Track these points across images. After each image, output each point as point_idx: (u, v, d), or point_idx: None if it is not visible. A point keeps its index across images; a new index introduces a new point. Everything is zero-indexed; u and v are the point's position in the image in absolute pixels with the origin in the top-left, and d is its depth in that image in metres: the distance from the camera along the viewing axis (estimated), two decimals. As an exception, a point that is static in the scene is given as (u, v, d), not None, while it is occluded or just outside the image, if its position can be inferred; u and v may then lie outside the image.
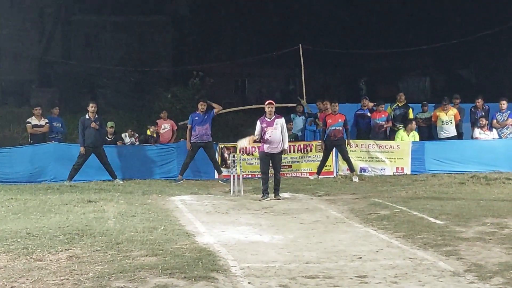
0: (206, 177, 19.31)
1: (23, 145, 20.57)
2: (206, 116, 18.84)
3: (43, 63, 40.24)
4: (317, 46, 28.86)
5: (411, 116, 21.23)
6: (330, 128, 19.03)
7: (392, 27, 39.87)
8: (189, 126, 18.89)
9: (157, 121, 21.08)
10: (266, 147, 15.52)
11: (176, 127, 21.00)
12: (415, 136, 20.33)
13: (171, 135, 20.78)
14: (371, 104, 21.51)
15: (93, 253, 9.19)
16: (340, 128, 19.00)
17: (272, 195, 15.40)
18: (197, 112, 18.93)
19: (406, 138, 20.18)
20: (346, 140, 19.21)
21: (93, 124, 18.08)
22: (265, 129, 15.30)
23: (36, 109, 20.47)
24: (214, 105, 19.31)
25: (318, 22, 40.83)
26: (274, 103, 15.75)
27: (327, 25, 40.50)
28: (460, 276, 8.26)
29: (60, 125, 21.18)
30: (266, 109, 15.51)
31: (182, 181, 18.40)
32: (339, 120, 19.04)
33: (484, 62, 37.94)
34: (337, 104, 19.42)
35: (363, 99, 22.00)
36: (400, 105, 21.49)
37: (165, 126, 20.87)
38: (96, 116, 18.47)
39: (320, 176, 19.10)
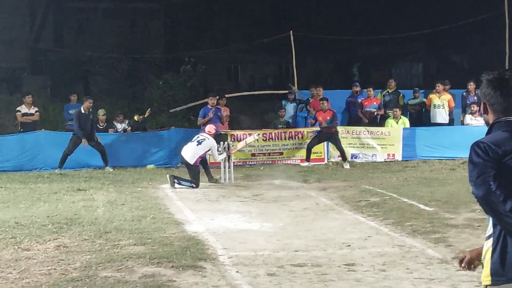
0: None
1: (13, 133, 20.47)
2: (219, 113, 18.77)
3: (35, 50, 40.03)
4: (309, 32, 28.82)
5: (401, 102, 21.25)
6: (321, 125, 19.10)
7: (384, 13, 39.79)
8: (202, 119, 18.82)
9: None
10: None
11: (229, 113, 20.80)
12: (404, 122, 20.32)
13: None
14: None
15: (81, 243, 9.18)
16: (329, 124, 19.03)
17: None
18: (208, 106, 18.88)
19: (395, 126, 20.17)
20: (335, 129, 19.17)
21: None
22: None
23: (28, 97, 20.38)
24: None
25: (310, 9, 40.72)
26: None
27: (320, 11, 40.40)
28: (448, 263, 8.25)
29: None
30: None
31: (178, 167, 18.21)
32: (328, 118, 19.04)
33: (476, 48, 37.94)
34: (325, 102, 19.31)
35: (354, 86, 21.98)
36: (390, 91, 21.50)
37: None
38: (91, 111, 18.58)
39: (311, 163, 19.05)
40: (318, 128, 19.47)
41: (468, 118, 20.36)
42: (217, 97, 19.47)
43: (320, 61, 38.23)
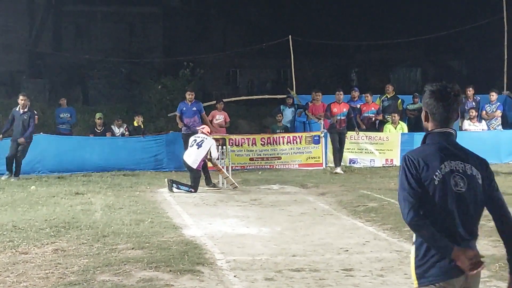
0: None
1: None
2: (194, 108, 18.76)
3: (33, 54, 40.00)
4: (308, 37, 28.82)
5: (400, 107, 21.26)
6: (335, 117, 18.85)
7: (383, 18, 39.82)
8: (177, 114, 18.98)
9: (212, 112, 20.87)
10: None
11: (228, 119, 20.81)
12: (403, 128, 20.33)
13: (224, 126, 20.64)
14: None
15: (79, 246, 9.16)
16: (344, 118, 18.87)
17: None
18: (185, 101, 18.93)
19: (394, 131, 20.18)
20: (355, 128, 19.25)
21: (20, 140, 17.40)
22: None
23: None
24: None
25: (309, 13, 40.75)
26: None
27: (318, 16, 40.42)
28: (446, 269, 8.23)
29: (69, 115, 21.05)
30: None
31: None
32: (344, 110, 18.91)
33: (474, 54, 37.98)
34: (341, 92, 19.25)
35: (352, 91, 21.99)
36: (388, 96, 21.51)
37: (219, 117, 20.65)
38: (26, 110, 17.74)
39: (309, 168, 19.03)
40: (318, 133, 19.48)
41: (467, 124, 20.38)
42: (193, 92, 19.42)
43: (319, 66, 38.22)
